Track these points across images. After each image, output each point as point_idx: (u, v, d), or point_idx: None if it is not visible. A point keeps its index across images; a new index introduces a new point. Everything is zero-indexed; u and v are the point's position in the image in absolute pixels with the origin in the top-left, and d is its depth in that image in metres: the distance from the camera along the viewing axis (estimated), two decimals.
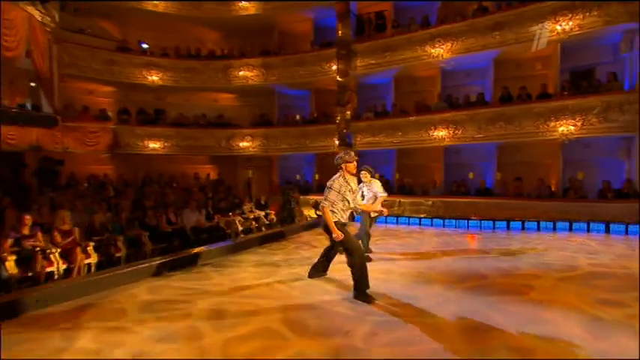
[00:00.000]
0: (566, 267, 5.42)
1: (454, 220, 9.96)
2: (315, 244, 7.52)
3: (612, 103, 9.49)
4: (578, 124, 9.67)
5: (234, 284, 4.87)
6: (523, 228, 9.05)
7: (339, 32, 12.17)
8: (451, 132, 11.56)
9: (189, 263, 5.74)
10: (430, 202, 11.63)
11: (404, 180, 12.82)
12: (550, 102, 10.17)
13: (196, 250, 6.17)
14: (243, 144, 14.61)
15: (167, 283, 4.93)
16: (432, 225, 10.05)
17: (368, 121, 13.17)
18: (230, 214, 9.83)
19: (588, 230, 8.45)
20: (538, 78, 11.26)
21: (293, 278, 5.09)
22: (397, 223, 10.55)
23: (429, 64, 12.21)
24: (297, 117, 15.09)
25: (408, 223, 10.35)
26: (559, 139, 9.96)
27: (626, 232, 8.31)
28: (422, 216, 10.81)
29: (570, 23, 9.85)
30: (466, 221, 9.73)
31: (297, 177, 15.49)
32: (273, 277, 5.15)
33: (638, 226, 7.86)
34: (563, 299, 4.13)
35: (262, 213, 10.84)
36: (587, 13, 9.77)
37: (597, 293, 4.34)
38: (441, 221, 10.04)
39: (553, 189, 10.61)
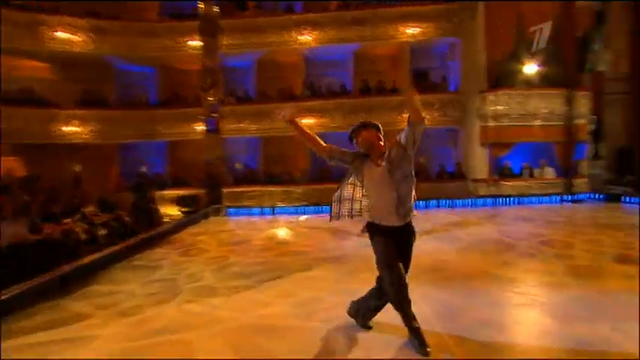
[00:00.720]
0: (454, 238, 6.14)
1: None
2: (204, 247, 6.41)
3: (445, 101, 11.50)
4: (427, 116, 11.26)
5: (127, 318, 3.48)
6: None
7: (202, 5, 10.65)
8: (318, 120, 11.81)
9: (35, 298, 3.90)
10: (300, 190, 11.69)
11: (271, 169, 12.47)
12: (403, 96, 11.53)
13: (44, 276, 4.26)
14: (69, 129, 11.37)
15: (18, 341, 3.04)
16: (305, 213, 9.92)
17: (231, 106, 12.15)
18: (68, 220, 7.42)
19: (439, 206, 9.96)
20: (389, 74, 12.60)
21: (204, 294, 4.05)
22: (274, 214, 10.11)
23: (295, 50, 12.11)
24: (143, 99, 12.71)
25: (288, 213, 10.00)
26: None
27: (462, 206, 10.14)
28: (296, 205, 10.66)
29: (418, 29, 11.35)
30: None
31: (144, 169, 13.15)
32: (178, 298, 3.97)
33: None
34: (482, 268, 4.57)
35: (111, 216, 8.63)
36: (428, 24, 11.45)
37: (493, 258, 5.03)
38: (319, 208, 10.09)
39: None
